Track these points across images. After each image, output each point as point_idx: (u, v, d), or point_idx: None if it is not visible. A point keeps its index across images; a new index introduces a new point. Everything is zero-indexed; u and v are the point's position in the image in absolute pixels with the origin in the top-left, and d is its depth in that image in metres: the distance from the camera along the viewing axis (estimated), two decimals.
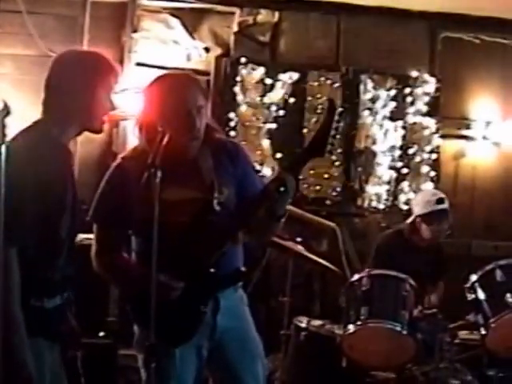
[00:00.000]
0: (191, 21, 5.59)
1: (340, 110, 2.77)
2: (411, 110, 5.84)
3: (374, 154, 5.76)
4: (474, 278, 4.05)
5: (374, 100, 5.76)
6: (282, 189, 2.62)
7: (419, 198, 4.77)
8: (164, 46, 5.51)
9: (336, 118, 2.66)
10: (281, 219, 2.78)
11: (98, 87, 2.49)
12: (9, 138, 2.11)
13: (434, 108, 5.88)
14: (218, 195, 2.74)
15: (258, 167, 5.18)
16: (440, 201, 4.58)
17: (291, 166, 2.74)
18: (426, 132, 5.87)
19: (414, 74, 5.84)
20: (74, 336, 2.60)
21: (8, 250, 2.25)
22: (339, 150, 5.66)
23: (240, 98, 5.54)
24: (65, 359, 2.55)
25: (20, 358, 2.31)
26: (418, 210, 4.62)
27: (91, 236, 2.86)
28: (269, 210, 2.70)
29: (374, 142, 5.76)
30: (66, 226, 2.44)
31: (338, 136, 2.69)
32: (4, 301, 2.24)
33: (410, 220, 4.69)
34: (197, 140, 2.78)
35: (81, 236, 2.88)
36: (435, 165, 5.89)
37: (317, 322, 4.36)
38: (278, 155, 5.50)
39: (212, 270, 2.71)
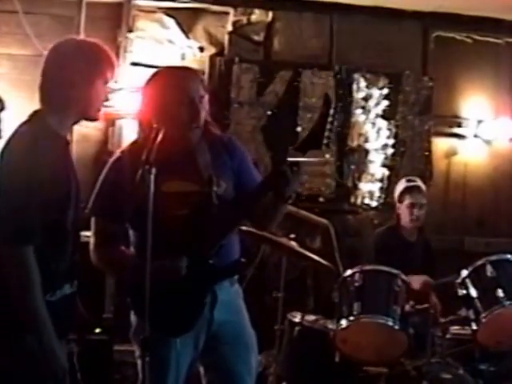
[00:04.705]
0: (186, 20, 5.60)
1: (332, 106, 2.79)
2: (404, 108, 5.89)
3: (367, 152, 5.80)
4: (464, 273, 4.07)
5: (366, 98, 5.79)
6: (295, 168, 2.61)
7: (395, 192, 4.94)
8: (159, 46, 5.52)
9: (331, 111, 2.69)
10: (289, 201, 2.77)
11: (97, 77, 2.49)
12: (4, 132, 2.12)
13: (426, 106, 5.91)
14: (216, 188, 2.76)
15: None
16: (409, 180, 4.86)
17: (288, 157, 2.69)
18: (418, 130, 5.92)
19: (407, 72, 5.88)
20: (84, 324, 2.63)
21: (23, 248, 2.26)
22: (332, 148, 5.71)
23: (234, 96, 5.58)
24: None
25: (52, 353, 2.32)
26: (395, 198, 4.82)
27: (87, 233, 2.86)
28: (279, 191, 2.67)
29: (366, 140, 5.80)
30: (71, 218, 2.45)
31: (332, 130, 2.72)
32: (26, 300, 2.27)
33: (395, 215, 4.82)
34: (198, 130, 2.80)
35: None
36: (427, 162, 5.95)
37: (310, 317, 4.40)
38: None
39: (211, 262, 2.73)
